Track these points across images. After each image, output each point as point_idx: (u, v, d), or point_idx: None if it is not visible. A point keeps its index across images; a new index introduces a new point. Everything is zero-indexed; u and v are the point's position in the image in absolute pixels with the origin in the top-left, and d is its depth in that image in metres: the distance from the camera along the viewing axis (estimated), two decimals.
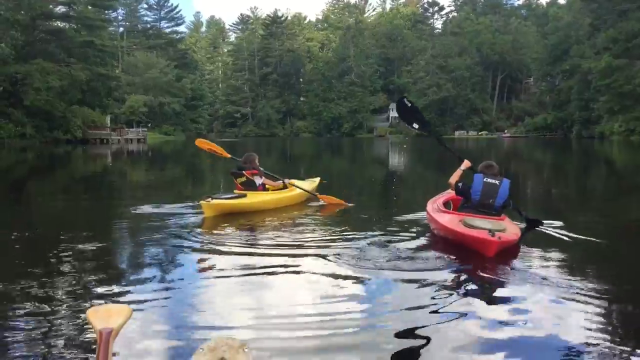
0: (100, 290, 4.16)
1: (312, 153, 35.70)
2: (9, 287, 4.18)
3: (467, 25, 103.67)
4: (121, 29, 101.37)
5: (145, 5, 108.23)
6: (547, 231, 6.28)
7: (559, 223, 6.66)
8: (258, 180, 8.25)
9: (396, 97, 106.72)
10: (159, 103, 79.58)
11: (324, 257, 5.14)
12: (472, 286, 4.39)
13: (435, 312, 3.75)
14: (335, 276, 4.50)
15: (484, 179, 6.00)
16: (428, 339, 3.22)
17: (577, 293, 4.01)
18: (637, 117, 48.50)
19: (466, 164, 6.55)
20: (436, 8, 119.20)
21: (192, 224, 6.97)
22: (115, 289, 4.20)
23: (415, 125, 7.16)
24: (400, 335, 3.31)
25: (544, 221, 6.61)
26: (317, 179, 10.30)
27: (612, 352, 3.03)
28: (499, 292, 4.25)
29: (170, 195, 10.83)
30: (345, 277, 4.48)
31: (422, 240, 6.02)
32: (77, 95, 51.92)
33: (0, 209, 9.53)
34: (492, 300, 4.01)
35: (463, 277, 4.61)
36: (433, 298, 4.01)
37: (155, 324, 3.46)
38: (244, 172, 8.20)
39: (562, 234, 6.12)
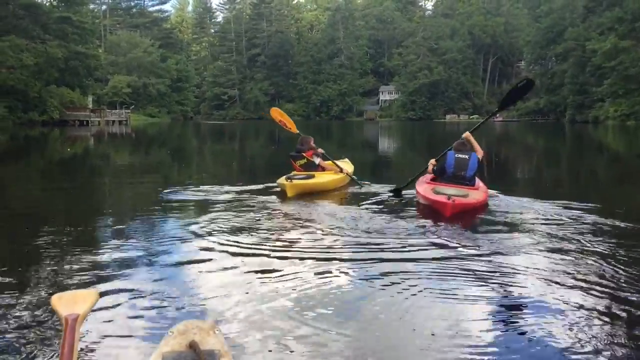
0: (69, 276, 4.03)
1: None
2: None
3: (459, 6, 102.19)
4: (104, 6, 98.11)
5: None
6: (539, 213, 6.37)
7: (554, 207, 6.64)
8: (316, 160, 8.47)
9: (386, 80, 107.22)
10: (143, 84, 77.36)
11: (313, 243, 5.04)
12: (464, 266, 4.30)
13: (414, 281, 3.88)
14: (323, 264, 4.35)
15: (455, 155, 7.07)
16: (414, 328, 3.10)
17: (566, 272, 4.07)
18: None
19: (431, 163, 7.50)
20: None
21: (174, 210, 6.84)
22: (85, 275, 4.06)
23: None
24: (386, 323, 3.18)
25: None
26: (347, 160, 10.05)
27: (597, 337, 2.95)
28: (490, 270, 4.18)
29: (154, 180, 10.59)
30: (333, 265, 4.32)
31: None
32: (53, 75, 49.65)
33: None
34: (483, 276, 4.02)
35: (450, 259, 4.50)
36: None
37: (123, 308, 3.37)
38: (303, 154, 8.40)
39: (555, 217, 6.11)
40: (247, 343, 2.86)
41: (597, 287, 3.73)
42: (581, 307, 3.38)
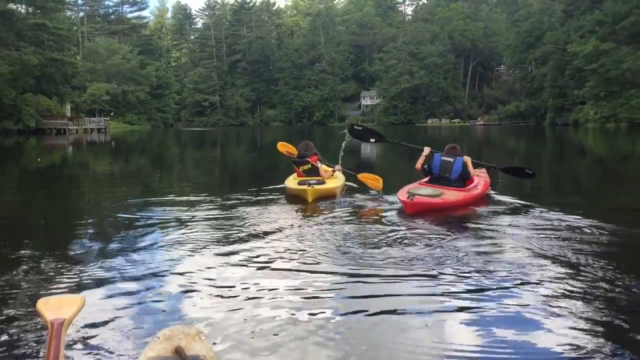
0: (54, 282, 4.01)
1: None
2: None
3: (439, 11, 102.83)
4: (81, 13, 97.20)
5: None
6: (524, 213, 6.57)
7: (538, 210, 6.74)
8: (319, 165, 8.53)
9: (368, 85, 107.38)
10: (122, 91, 76.49)
11: (300, 251, 4.88)
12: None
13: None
14: (309, 272, 4.23)
15: (441, 157, 7.50)
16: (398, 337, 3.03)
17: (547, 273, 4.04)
18: (623, 103, 46.76)
19: (426, 150, 7.87)
20: None
21: (158, 217, 6.71)
22: (70, 281, 4.04)
23: (372, 140, 8.87)
24: (373, 331, 3.11)
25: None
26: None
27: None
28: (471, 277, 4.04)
29: (134, 189, 10.40)
30: (320, 274, 4.19)
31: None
32: (29, 82, 48.61)
33: None
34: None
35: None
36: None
37: (110, 313, 3.35)
38: (308, 159, 8.48)
39: (538, 220, 6.16)
40: (233, 349, 2.85)
41: (584, 295, 3.61)
42: (569, 314, 3.28)
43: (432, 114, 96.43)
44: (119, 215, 6.87)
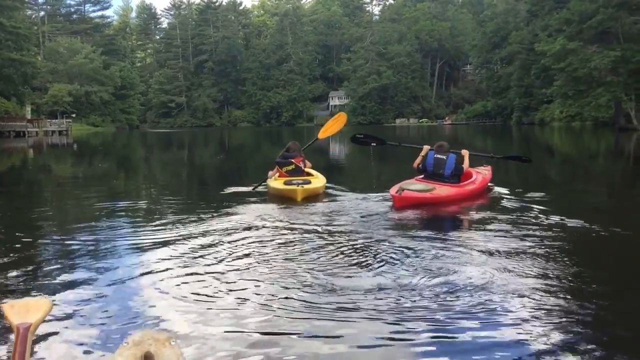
0: (19, 286, 3.93)
1: (252, 143, 34.00)
2: None
3: (405, 11, 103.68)
4: (42, 13, 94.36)
5: None
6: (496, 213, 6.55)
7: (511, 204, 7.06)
8: (302, 166, 8.59)
9: (336, 85, 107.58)
10: (85, 92, 74.46)
11: (277, 247, 4.94)
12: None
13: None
14: (281, 275, 4.10)
15: (435, 155, 7.78)
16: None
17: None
18: (590, 102, 47.36)
19: (425, 149, 8.12)
20: None
21: (120, 220, 6.71)
22: (36, 285, 3.97)
23: (373, 144, 9.51)
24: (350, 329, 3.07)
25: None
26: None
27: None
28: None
29: (98, 192, 9.97)
30: (291, 278, 4.04)
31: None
32: None
33: None
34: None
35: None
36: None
37: (78, 318, 3.30)
38: (292, 160, 8.52)
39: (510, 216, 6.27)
40: (205, 356, 2.78)
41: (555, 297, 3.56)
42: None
43: (400, 113, 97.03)
44: (84, 219, 6.66)
